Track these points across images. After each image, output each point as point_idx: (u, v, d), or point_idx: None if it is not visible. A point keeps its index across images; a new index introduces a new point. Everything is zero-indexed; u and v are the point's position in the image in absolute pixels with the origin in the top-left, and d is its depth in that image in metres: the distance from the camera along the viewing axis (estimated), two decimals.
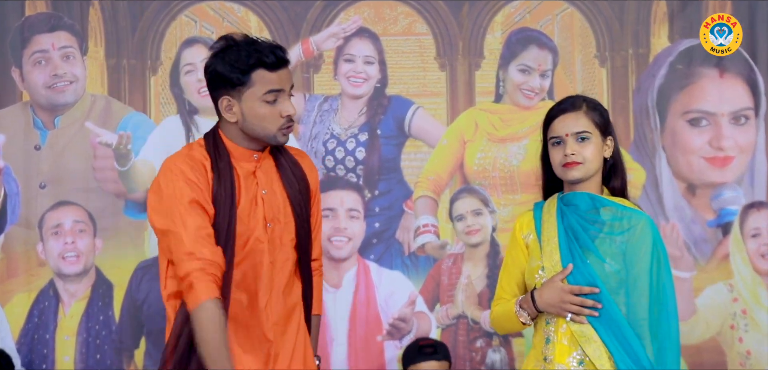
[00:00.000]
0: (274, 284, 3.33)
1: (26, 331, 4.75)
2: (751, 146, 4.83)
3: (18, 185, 4.76)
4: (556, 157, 3.21)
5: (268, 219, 3.30)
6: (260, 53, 3.21)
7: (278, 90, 3.20)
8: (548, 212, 3.27)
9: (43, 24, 4.76)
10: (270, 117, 3.22)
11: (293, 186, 3.37)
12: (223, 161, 3.28)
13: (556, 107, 3.27)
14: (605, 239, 3.16)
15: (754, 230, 4.78)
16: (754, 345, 4.78)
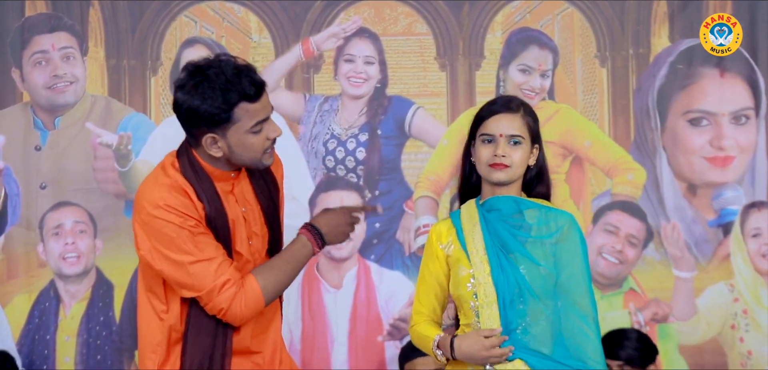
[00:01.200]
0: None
1: (27, 332, 4.75)
2: (751, 146, 4.81)
3: (18, 185, 4.75)
4: (484, 155, 3.09)
5: (250, 236, 3.26)
6: (240, 87, 3.10)
7: (262, 121, 3.13)
8: (469, 220, 3.17)
9: (43, 25, 4.76)
10: (257, 145, 3.16)
11: (266, 196, 3.31)
12: (206, 185, 3.19)
13: (492, 105, 3.16)
14: (535, 242, 3.09)
15: (755, 229, 4.75)
16: (755, 345, 4.76)
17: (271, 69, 4.80)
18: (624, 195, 4.82)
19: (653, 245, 4.81)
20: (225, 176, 3.18)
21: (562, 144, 4.85)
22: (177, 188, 3.14)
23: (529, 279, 3.03)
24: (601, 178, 4.85)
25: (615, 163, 4.83)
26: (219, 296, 3.14)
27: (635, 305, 4.79)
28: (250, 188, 3.27)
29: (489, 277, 3.05)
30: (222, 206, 3.18)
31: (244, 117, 3.06)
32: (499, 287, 3.04)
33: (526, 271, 3.03)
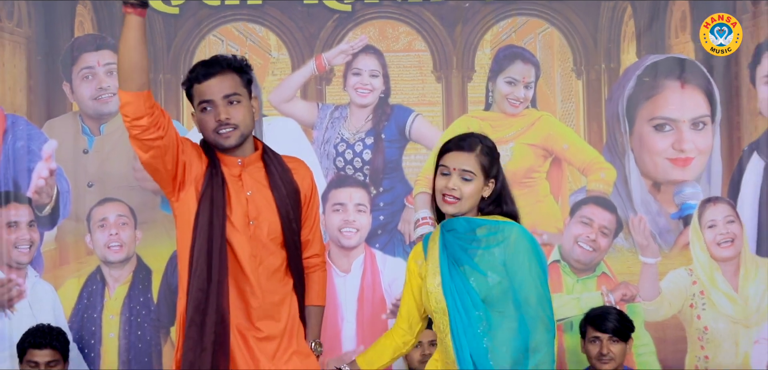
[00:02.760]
0: (259, 277, 3.32)
1: (77, 311, 4.79)
2: (708, 149, 4.85)
3: (69, 184, 4.79)
4: (439, 184, 3.17)
5: (251, 217, 3.29)
6: (193, 72, 3.27)
7: (207, 100, 3.21)
8: (433, 240, 3.25)
9: (89, 44, 4.80)
10: (207, 124, 3.24)
11: (280, 190, 3.34)
12: (214, 165, 3.30)
13: (454, 141, 3.23)
14: (484, 254, 3.12)
15: (711, 221, 4.82)
16: (710, 322, 4.82)
17: (289, 82, 4.87)
18: (597, 191, 4.87)
19: (622, 235, 4.86)
20: (232, 162, 3.28)
21: (543, 146, 4.89)
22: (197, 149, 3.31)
23: (477, 288, 3.06)
24: (577, 177, 4.89)
25: (589, 163, 4.87)
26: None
27: (607, 287, 4.83)
28: (264, 178, 3.34)
29: (439, 287, 3.12)
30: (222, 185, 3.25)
31: (196, 96, 3.24)
32: (448, 296, 3.09)
33: (474, 281, 3.07)
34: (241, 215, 3.27)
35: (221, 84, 3.20)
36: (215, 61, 3.26)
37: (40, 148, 4.77)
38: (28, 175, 4.77)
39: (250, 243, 3.26)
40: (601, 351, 4.32)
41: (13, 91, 4.82)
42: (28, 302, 4.75)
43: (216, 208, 3.24)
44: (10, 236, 4.73)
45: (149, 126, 3.09)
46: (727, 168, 4.87)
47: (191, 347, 3.21)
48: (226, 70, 3.22)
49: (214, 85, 3.19)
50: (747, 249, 4.85)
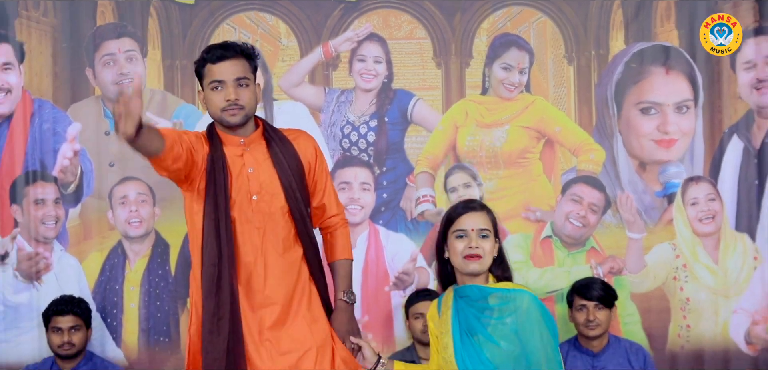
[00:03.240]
0: (266, 249, 3.35)
1: (100, 282, 4.85)
2: (691, 131, 4.89)
3: (92, 163, 4.84)
4: (459, 248, 3.13)
5: (253, 192, 3.33)
6: (207, 53, 3.32)
7: (219, 81, 3.26)
8: (445, 305, 3.22)
9: (111, 32, 4.84)
10: (215, 101, 3.29)
11: (281, 163, 3.37)
12: (216, 147, 3.34)
13: (462, 206, 3.21)
14: (497, 324, 3.08)
15: (693, 199, 4.87)
16: (692, 293, 4.88)
17: (297, 67, 4.90)
18: (587, 171, 4.90)
19: (610, 212, 4.89)
20: (234, 141, 3.33)
21: (536, 129, 4.92)
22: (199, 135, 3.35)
23: (491, 358, 3.04)
24: (568, 157, 4.92)
25: (580, 144, 4.90)
26: None
27: (595, 261, 4.86)
28: (266, 154, 3.36)
29: (452, 355, 3.08)
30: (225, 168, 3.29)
31: (207, 75, 3.27)
32: (460, 364, 3.05)
33: (489, 352, 3.04)
34: (244, 191, 3.32)
35: (233, 67, 3.27)
36: (229, 46, 3.33)
37: (64, 131, 4.82)
38: (54, 155, 4.82)
39: (255, 217, 3.31)
40: (587, 318, 4.35)
41: (39, 76, 4.86)
42: (54, 275, 4.79)
43: (218, 188, 3.30)
44: (37, 212, 4.78)
45: (172, 171, 3.22)
46: (709, 149, 4.91)
47: (209, 318, 3.27)
48: (238, 56, 3.29)
49: (226, 67, 3.26)
50: (727, 225, 4.89)
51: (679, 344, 4.89)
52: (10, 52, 4.81)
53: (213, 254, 3.31)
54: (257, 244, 3.31)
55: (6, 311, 4.83)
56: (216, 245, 3.30)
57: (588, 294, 4.39)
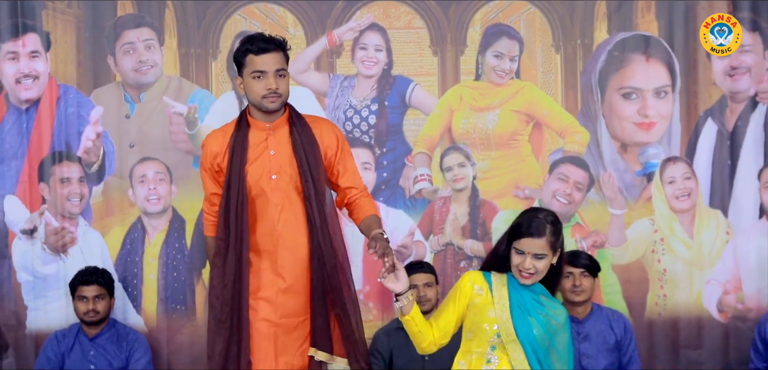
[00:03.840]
0: (281, 221, 3.46)
1: (121, 255, 4.90)
2: (669, 114, 4.92)
3: (113, 145, 4.88)
4: (515, 261, 3.24)
5: (273, 172, 3.44)
6: (250, 43, 3.40)
7: (262, 71, 3.36)
8: (499, 281, 3.31)
9: (130, 22, 4.86)
10: (257, 89, 3.38)
11: (299, 147, 3.46)
12: (241, 132, 3.46)
13: (527, 227, 3.25)
14: (547, 319, 3.26)
15: (671, 178, 4.91)
16: (669, 265, 4.93)
17: (304, 55, 4.91)
18: (572, 151, 4.93)
19: (594, 190, 4.92)
20: (261, 126, 3.44)
21: (525, 112, 4.93)
22: (224, 129, 3.52)
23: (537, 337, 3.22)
24: (556, 139, 4.94)
25: (566, 127, 4.93)
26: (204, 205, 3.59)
27: (580, 235, 4.90)
28: (288, 139, 3.47)
29: (510, 320, 3.22)
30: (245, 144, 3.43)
31: (249, 64, 3.37)
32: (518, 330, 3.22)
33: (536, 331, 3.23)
34: (265, 171, 3.44)
35: (274, 59, 3.37)
36: (270, 39, 3.42)
37: (88, 114, 4.85)
38: (78, 137, 4.86)
39: (274, 194, 3.43)
40: (574, 284, 4.39)
41: (64, 64, 4.87)
42: (79, 248, 4.85)
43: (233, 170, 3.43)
44: (63, 190, 4.82)
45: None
46: (685, 131, 4.93)
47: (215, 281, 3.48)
48: (277, 48, 3.40)
49: (268, 59, 3.36)
50: (701, 202, 4.93)
51: (656, 312, 4.93)
52: (37, 41, 4.82)
53: (221, 227, 3.47)
54: (275, 218, 3.43)
55: (35, 281, 4.86)
56: (224, 219, 3.45)
57: (575, 262, 4.42)
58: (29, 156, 4.87)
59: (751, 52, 4.86)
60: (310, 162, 3.45)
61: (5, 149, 4.87)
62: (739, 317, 4.92)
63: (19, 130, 4.87)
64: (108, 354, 4.60)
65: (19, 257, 4.90)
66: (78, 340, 4.62)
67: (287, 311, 3.48)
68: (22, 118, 4.87)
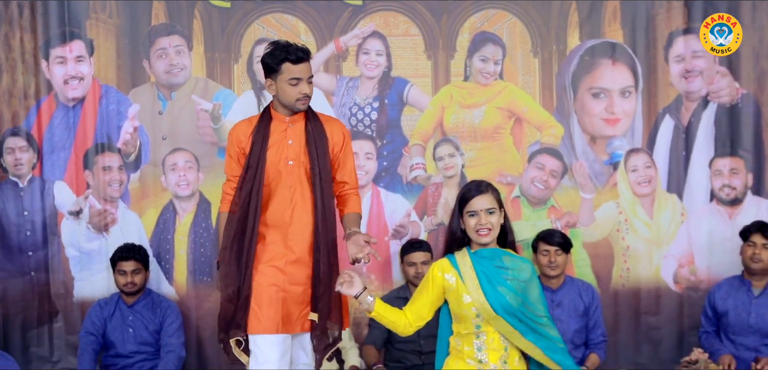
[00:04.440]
0: (294, 201, 3.51)
1: (155, 233, 5.02)
2: (632, 111, 5.00)
3: (148, 137, 4.99)
4: (471, 223, 3.26)
5: (290, 158, 3.51)
6: (288, 53, 3.44)
7: (298, 78, 3.44)
8: (463, 262, 3.31)
9: (163, 30, 4.97)
10: (292, 93, 3.45)
11: (312, 140, 3.51)
12: (264, 122, 3.51)
13: (474, 189, 3.29)
14: (513, 280, 3.27)
15: (633, 167, 5.01)
16: (632, 243, 5.05)
17: (314, 59, 4.66)
18: (548, 143, 5.03)
19: (567, 177, 5.03)
20: (282, 119, 3.51)
21: (508, 109, 5.02)
22: (250, 119, 3.56)
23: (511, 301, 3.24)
24: (534, 132, 5.03)
25: (543, 122, 5.02)
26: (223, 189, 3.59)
27: (555, 216, 5.01)
28: (303, 132, 3.52)
29: (483, 296, 3.23)
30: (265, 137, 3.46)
31: (286, 72, 3.42)
32: (492, 302, 3.22)
33: (509, 297, 3.23)
34: (283, 157, 3.52)
35: (307, 68, 3.47)
36: (305, 50, 3.48)
37: (126, 111, 4.96)
38: (118, 131, 4.97)
39: (289, 177, 3.51)
40: (549, 260, 4.51)
41: (106, 67, 4.98)
42: (119, 227, 4.98)
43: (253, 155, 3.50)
44: (105, 177, 4.95)
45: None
46: (646, 126, 5.01)
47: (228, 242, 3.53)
48: (308, 58, 3.49)
49: (303, 68, 3.45)
50: (660, 187, 5.01)
51: (620, 283, 5.04)
52: (82, 47, 4.93)
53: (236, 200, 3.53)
54: (288, 198, 3.51)
55: (81, 256, 4.99)
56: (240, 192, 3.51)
57: (550, 241, 4.53)
58: (75, 147, 4.97)
59: (703, 58, 4.93)
60: (320, 153, 3.52)
61: (55, 141, 4.97)
62: (691, 288, 5.04)
63: (66, 125, 4.96)
64: (144, 319, 4.69)
65: (67, 235, 5.00)
66: (118, 307, 4.71)
67: (294, 280, 3.51)
68: (69, 115, 4.96)
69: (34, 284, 5.06)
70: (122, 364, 4.71)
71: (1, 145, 5.04)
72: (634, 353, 5.08)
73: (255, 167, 3.48)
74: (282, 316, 3.48)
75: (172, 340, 4.71)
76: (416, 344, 4.63)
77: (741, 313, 4.61)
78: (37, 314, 5.08)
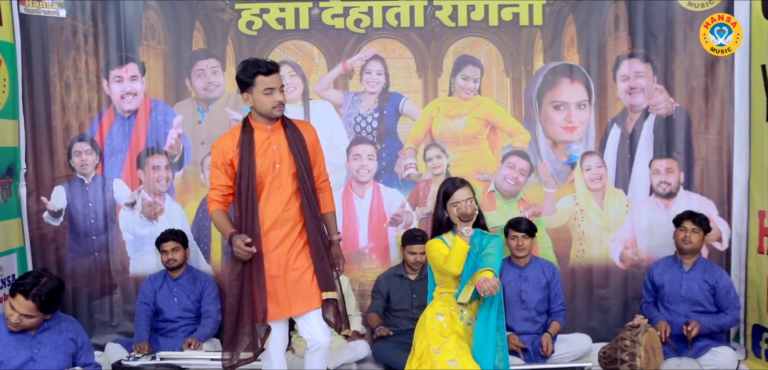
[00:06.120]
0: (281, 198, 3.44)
1: (195, 221, 5.12)
2: (587, 121, 5.09)
3: (190, 142, 5.09)
4: (454, 212, 3.35)
5: (276, 162, 3.42)
6: (259, 67, 3.34)
7: (271, 88, 3.34)
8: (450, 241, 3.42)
9: (201, 54, 5.03)
10: (267, 103, 3.35)
11: (293, 143, 3.44)
12: (247, 134, 3.41)
13: (453, 185, 3.38)
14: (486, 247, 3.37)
15: (588, 166, 5.12)
16: (586, 229, 5.17)
17: (325, 78, 5.02)
18: (518, 147, 5.10)
19: (534, 175, 5.11)
20: (263, 127, 3.41)
21: (485, 119, 5.08)
22: (232, 132, 3.43)
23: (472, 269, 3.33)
24: (506, 138, 5.10)
25: (513, 129, 5.10)
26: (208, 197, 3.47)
27: (523, 207, 5.10)
28: (284, 137, 3.43)
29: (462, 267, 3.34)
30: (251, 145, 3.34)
31: (260, 84, 3.32)
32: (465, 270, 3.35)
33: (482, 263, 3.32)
34: (269, 161, 3.44)
35: (278, 79, 3.41)
36: (274, 64, 3.41)
37: (172, 120, 5.05)
38: (165, 137, 5.05)
39: (276, 179, 3.45)
40: (518, 244, 4.65)
41: (155, 84, 5.05)
42: (166, 216, 5.09)
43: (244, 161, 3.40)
44: (154, 174, 5.05)
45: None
46: (598, 133, 5.09)
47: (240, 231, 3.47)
48: (278, 71, 3.43)
49: (275, 78, 3.39)
50: (609, 183, 5.11)
51: (576, 262, 5.13)
52: (136, 68, 5.00)
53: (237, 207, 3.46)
54: (278, 197, 3.45)
55: (135, 239, 5.09)
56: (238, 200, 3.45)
57: (518, 228, 4.68)
58: (130, 150, 5.04)
59: (644, 77, 5.00)
60: (302, 153, 3.46)
61: (113, 146, 5.04)
62: (634, 265, 5.12)
63: (123, 132, 5.03)
64: (187, 291, 4.79)
65: (123, 222, 5.09)
66: (165, 281, 4.81)
67: (292, 265, 3.46)
68: (125, 124, 5.03)
69: (97, 262, 5.13)
70: (169, 327, 4.80)
71: (70, 149, 5.08)
72: (588, 319, 5.14)
73: (247, 175, 3.39)
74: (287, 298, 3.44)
75: (210, 308, 4.80)
76: (409, 312, 4.82)
77: (674, 286, 4.69)
78: (99, 287, 5.15)
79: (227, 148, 3.39)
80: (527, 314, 4.74)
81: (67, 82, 4.98)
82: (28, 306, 3.46)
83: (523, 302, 4.74)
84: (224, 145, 3.41)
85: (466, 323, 3.37)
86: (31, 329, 3.57)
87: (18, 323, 3.50)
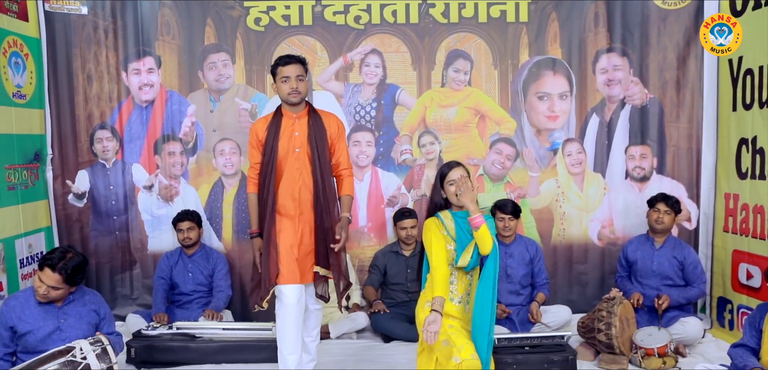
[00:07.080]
0: (301, 182, 3.49)
1: (208, 202, 5.18)
2: (568, 110, 5.14)
3: (202, 130, 5.14)
4: (452, 190, 3.29)
5: (296, 146, 3.48)
6: (280, 59, 3.46)
7: (287, 76, 3.42)
8: (447, 219, 3.33)
9: (213, 48, 5.09)
10: (284, 89, 3.44)
11: (313, 131, 3.48)
12: (276, 119, 3.49)
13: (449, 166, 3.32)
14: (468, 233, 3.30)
15: (569, 152, 5.17)
16: (567, 210, 5.23)
17: (328, 70, 5.09)
18: (505, 134, 5.16)
19: (519, 160, 5.16)
20: (290, 115, 3.50)
21: (474, 108, 5.13)
22: (266, 117, 3.54)
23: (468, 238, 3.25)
24: (494, 126, 5.15)
25: (500, 118, 5.15)
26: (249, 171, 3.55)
27: (509, 190, 5.16)
28: (306, 126, 3.50)
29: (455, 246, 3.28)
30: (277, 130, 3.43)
31: (279, 73, 3.44)
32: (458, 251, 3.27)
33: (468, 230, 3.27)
34: (290, 146, 3.51)
35: (295, 68, 3.48)
36: (292, 56, 3.51)
37: (186, 110, 5.11)
38: (179, 125, 5.12)
39: (296, 162, 3.51)
40: (505, 224, 4.67)
41: (170, 76, 5.11)
42: (181, 198, 5.16)
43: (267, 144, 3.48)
44: (169, 160, 5.12)
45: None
46: (579, 121, 5.13)
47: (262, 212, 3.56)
48: (297, 62, 3.50)
49: (291, 68, 3.47)
50: (588, 168, 5.18)
51: (558, 240, 5.20)
52: (152, 61, 5.06)
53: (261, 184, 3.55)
54: (296, 179, 3.52)
55: (153, 219, 5.17)
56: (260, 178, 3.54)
57: (504, 209, 4.70)
58: (148, 137, 5.11)
59: (621, 70, 5.06)
60: (319, 142, 3.50)
61: (133, 133, 5.10)
62: (611, 243, 5.19)
63: (141, 121, 5.10)
64: (200, 266, 4.87)
65: (142, 204, 5.17)
66: (181, 257, 4.90)
67: (301, 241, 3.53)
68: (142, 113, 5.09)
69: (118, 240, 5.20)
70: (185, 300, 4.88)
71: (92, 137, 5.15)
72: (568, 292, 5.22)
73: (269, 154, 3.48)
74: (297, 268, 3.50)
75: (222, 283, 4.89)
76: (404, 285, 4.92)
77: (646, 261, 4.72)
78: (120, 263, 5.22)
79: (259, 130, 3.49)
80: (512, 287, 4.80)
81: (88, 74, 5.05)
82: (55, 279, 3.51)
83: (509, 277, 4.79)
84: (258, 127, 3.51)
85: (457, 302, 3.36)
86: (57, 300, 3.62)
87: (46, 295, 3.55)
